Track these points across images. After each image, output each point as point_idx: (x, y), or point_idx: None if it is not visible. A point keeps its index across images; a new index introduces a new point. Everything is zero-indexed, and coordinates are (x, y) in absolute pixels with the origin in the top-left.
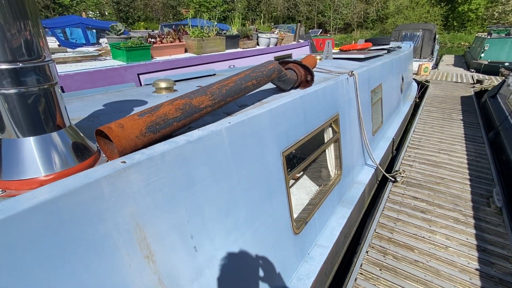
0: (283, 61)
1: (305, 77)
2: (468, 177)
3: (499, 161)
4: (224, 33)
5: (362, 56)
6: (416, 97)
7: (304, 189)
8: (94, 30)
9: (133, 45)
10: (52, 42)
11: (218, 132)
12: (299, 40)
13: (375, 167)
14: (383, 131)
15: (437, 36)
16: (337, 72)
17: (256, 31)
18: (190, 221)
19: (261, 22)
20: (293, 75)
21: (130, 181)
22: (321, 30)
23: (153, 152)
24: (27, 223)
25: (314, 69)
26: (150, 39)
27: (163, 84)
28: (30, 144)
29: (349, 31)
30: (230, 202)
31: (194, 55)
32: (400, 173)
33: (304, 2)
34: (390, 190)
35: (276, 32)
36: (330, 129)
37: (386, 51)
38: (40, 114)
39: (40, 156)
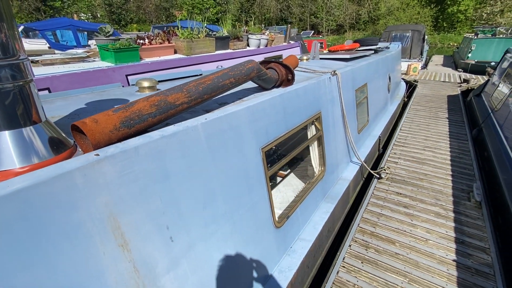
0: (265, 60)
1: (286, 76)
2: (451, 173)
3: (481, 157)
4: (214, 34)
5: (347, 56)
6: (404, 97)
7: (290, 187)
8: (85, 32)
9: (121, 47)
10: (42, 44)
11: (194, 128)
12: (290, 41)
13: (360, 164)
14: (369, 129)
15: (426, 37)
16: (321, 71)
17: (246, 32)
18: (166, 212)
19: (253, 23)
20: (274, 75)
21: (103, 172)
22: (313, 31)
23: (127, 146)
24: (0, 210)
25: (299, 69)
26: (139, 41)
27: (146, 84)
28: (6, 138)
29: (341, 32)
30: (207, 195)
31: (183, 56)
32: (384, 169)
33: (297, 3)
34: (375, 186)
35: (266, 34)
36: (313, 126)
37: (373, 52)
38: (16, 109)
39: (16, 149)
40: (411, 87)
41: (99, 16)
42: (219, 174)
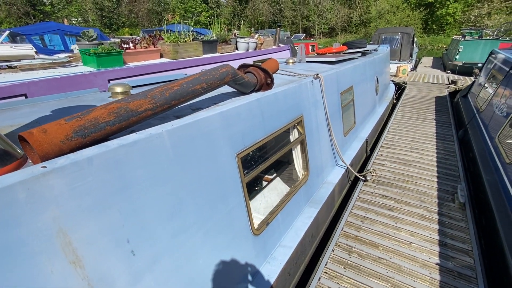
0: (244, 64)
1: (265, 81)
2: (436, 174)
3: (466, 158)
4: (202, 38)
5: (333, 59)
6: (393, 98)
7: (275, 191)
8: (74, 37)
9: (104, 51)
10: (28, 49)
11: (158, 135)
12: (280, 45)
13: (346, 168)
14: (356, 132)
15: (415, 39)
16: (304, 75)
17: (235, 36)
18: (126, 225)
19: (242, 26)
20: (252, 79)
21: (51, 185)
22: (304, 34)
23: (79, 157)
24: None
25: (282, 72)
26: (123, 45)
27: (118, 89)
28: None
29: (333, 35)
30: (175, 204)
31: (169, 60)
32: (370, 172)
33: (289, 7)
34: (361, 189)
35: (255, 37)
36: (295, 130)
37: (360, 54)
38: None
39: None
40: (400, 88)
41: (90, 20)
42: (188, 183)
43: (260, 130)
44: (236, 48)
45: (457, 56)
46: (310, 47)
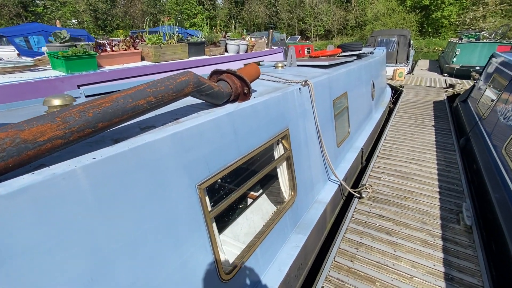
0: (217, 71)
1: (242, 89)
2: (438, 189)
3: (470, 170)
4: (188, 40)
5: (326, 63)
6: (390, 103)
7: (260, 212)
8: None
9: (74, 54)
10: (10, 51)
11: (67, 175)
12: (272, 47)
13: (339, 183)
14: (350, 142)
15: (412, 41)
16: (292, 81)
17: (224, 37)
18: None
19: (234, 28)
20: (226, 88)
21: None
22: (299, 36)
23: None
24: None
25: (268, 78)
26: (98, 47)
27: (56, 102)
28: None
29: (330, 37)
30: (96, 265)
31: (151, 63)
32: (366, 188)
33: (285, 9)
34: (355, 208)
35: (247, 39)
36: (280, 146)
37: (355, 58)
38: None
39: None
40: (397, 92)
41: (84, 21)
42: (118, 234)
43: (232, 151)
44: (226, 51)
45: (454, 59)
46: (306, 49)
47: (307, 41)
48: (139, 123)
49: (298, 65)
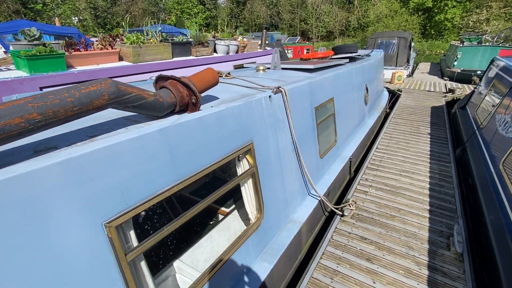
0: (161, 76)
1: (189, 99)
2: (428, 207)
3: (465, 185)
4: (172, 39)
5: (311, 66)
6: (386, 107)
7: (227, 232)
8: (52, 36)
9: (38, 53)
10: None
11: None
12: (266, 48)
13: (319, 199)
14: (337, 151)
15: (413, 44)
16: (266, 87)
17: (214, 37)
18: None
19: (224, 27)
20: (168, 97)
21: None
22: (299, 37)
23: None
24: None
25: (240, 83)
26: (69, 46)
27: None
28: None
29: (331, 38)
30: None
31: (129, 63)
32: (349, 204)
33: (287, 10)
34: (336, 228)
35: (239, 39)
36: (244, 161)
37: (347, 60)
38: None
39: None
40: (394, 96)
41: (83, 19)
42: None
43: (166, 174)
44: (215, 51)
45: (455, 63)
46: (305, 50)
47: (307, 42)
48: (38, 143)
49: (282, 68)
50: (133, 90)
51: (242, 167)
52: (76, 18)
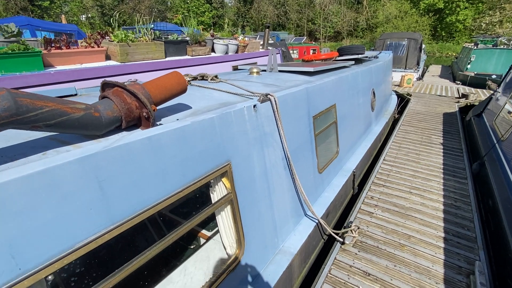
0: (107, 83)
1: (140, 112)
2: (443, 234)
3: (485, 207)
4: (166, 38)
5: (311, 69)
6: (395, 113)
7: (205, 263)
8: (51, 32)
9: (11, 51)
10: None
11: None
12: (268, 48)
13: (317, 221)
14: (339, 163)
15: (423, 45)
16: (255, 93)
17: (212, 36)
18: None
19: (227, 25)
20: (108, 110)
21: None
22: (305, 37)
23: None
24: None
25: (224, 89)
26: (49, 44)
27: None
28: None
29: (339, 39)
30: None
31: (116, 63)
32: (352, 230)
33: (294, 9)
34: (335, 260)
35: (239, 38)
36: (220, 185)
37: (353, 62)
38: None
39: None
40: (403, 101)
41: (91, 16)
42: None
43: (93, 219)
44: (213, 51)
45: (468, 66)
46: (311, 50)
47: (313, 42)
48: None
49: (280, 71)
50: (47, 103)
51: (218, 193)
52: (84, 16)
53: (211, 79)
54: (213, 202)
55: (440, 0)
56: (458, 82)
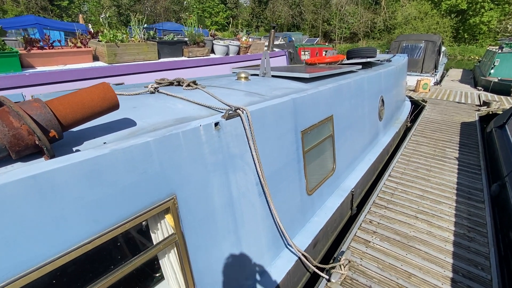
0: None
1: (33, 139)
2: (451, 274)
3: (504, 240)
4: (160, 38)
5: (306, 75)
6: (407, 120)
7: None
8: (62, 32)
9: None
10: None
11: None
12: (274, 49)
13: (299, 255)
14: (336, 182)
15: (443, 48)
16: (231, 105)
17: (212, 36)
18: None
19: (235, 25)
20: None
21: None
22: (317, 39)
23: None
24: None
25: (188, 99)
26: (29, 43)
27: None
28: None
29: (355, 40)
30: None
31: (103, 64)
32: (341, 266)
33: (310, 10)
34: None
35: (243, 39)
36: (162, 224)
37: (360, 66)
38: None
39: None
40: (418, 107)
41: (109, 16)
42: None
43: None
44: (213, 52)
45: (492, 71)
46: (324, 52)
47: (326, 44)
48: None
49: (273, 76)
50: None
51: (159, 234)
52: (102, 15)
53: (187, 86)
54: (154, 244)
55: (463, 0)
56: (480, 88)
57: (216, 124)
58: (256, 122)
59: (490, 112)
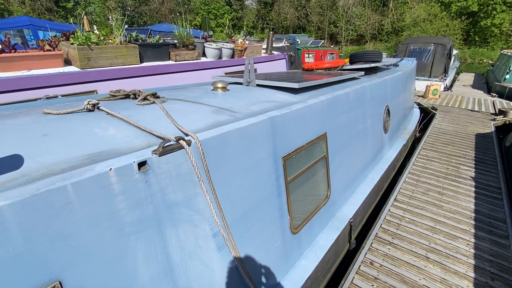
0: None
1: None
2: None
3: None
4: (142, 39)
5: (295, 85)
6: (416, 130)
7: None
8: (60, 33)
9: None
10: None
11: None
12: (273, 52)
13: None
14: (330, 211)
15: (454, 51)
16: (184, 131)
17: (205, 38)
18: None
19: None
20: None
21: None
22: (322, 41)
23: None
24: None
25: (128, 120)
26: None
27: None
28: None
29: (362, 43)
30: None
31: (76, 69)
32: None
33: (316, 12)
34: None
35: (239, 41)
36: None
37: (362, 73)
38: None
39: None
40: (428, 116)
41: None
42: None
43: None
44: (204, 55)
45: (507, 76)
46: (328, 55)
47: (332, 46)
48: None
49: (258, 85)
50: None
51: None
52: (110, 17)
53: (142, 99)
54: None
55: (474, 2)
56: (494, 94)
57: (142, 164)
58: (215, 152)
59: (507, 122)
